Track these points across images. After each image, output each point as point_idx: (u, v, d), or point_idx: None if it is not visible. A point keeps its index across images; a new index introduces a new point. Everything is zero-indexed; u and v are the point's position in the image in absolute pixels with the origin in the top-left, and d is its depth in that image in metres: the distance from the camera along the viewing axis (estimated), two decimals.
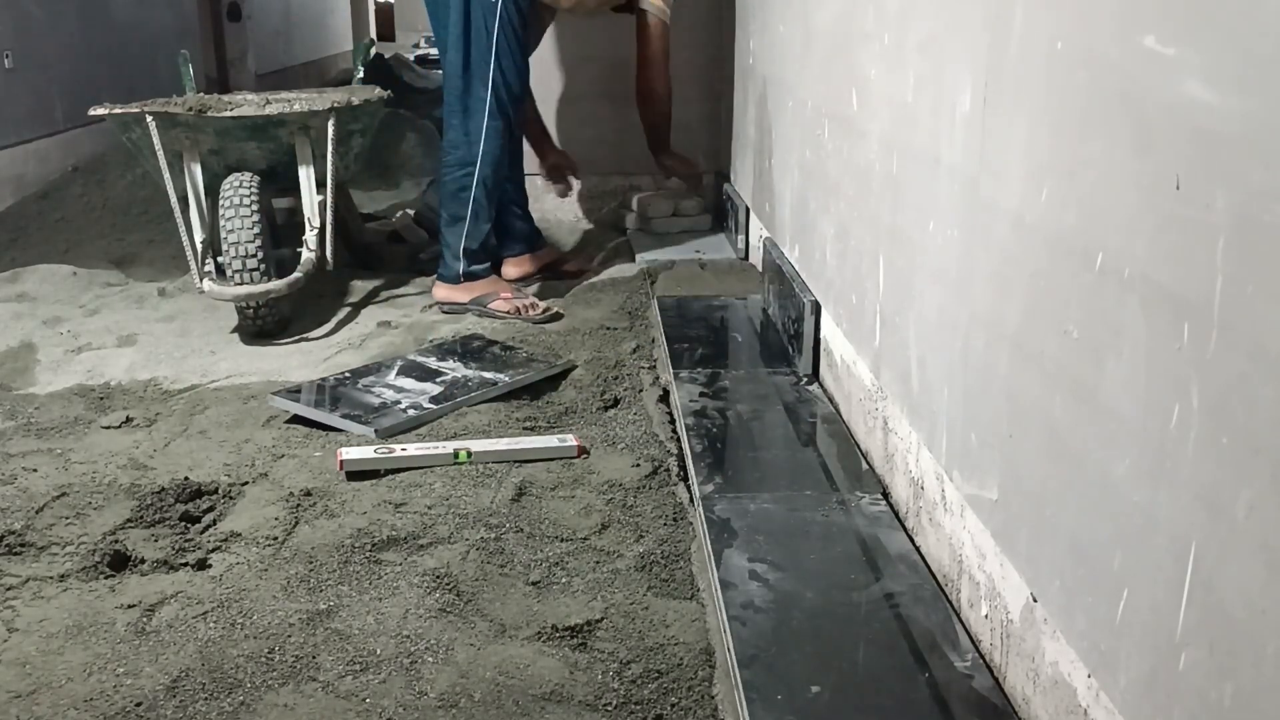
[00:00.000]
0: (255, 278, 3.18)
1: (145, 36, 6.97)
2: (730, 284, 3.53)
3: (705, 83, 4.43)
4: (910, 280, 1.90)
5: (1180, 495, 1.04)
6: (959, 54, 1.65)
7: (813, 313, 2.61)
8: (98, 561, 1.93)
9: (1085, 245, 1.23)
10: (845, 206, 2.37)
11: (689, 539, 1.99)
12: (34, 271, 3.95)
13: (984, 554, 1.56)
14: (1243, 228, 0.94)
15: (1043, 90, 1.36)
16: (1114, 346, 1.17)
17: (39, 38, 5.63)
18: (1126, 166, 1.14)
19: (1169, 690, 1.06)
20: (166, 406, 2.71)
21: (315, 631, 1.73)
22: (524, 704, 1.55)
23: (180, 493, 2.17)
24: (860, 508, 1.98)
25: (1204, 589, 1.00)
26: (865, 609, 1.68)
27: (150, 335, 3.28)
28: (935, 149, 1.76)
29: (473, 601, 1.81)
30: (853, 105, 2.30)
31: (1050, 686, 1.34)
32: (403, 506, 2.13)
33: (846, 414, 2.39)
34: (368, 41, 4.78)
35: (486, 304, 3.37)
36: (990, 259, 1.52)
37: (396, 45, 15.93)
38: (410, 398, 2.64)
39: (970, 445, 1.61)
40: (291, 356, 3.09)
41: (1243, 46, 0.95)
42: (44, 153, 5.53)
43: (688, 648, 1.67)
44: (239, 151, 3.45)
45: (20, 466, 2.34)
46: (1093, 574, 1.22)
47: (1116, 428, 1.16)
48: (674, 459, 2.31)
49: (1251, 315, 0.93)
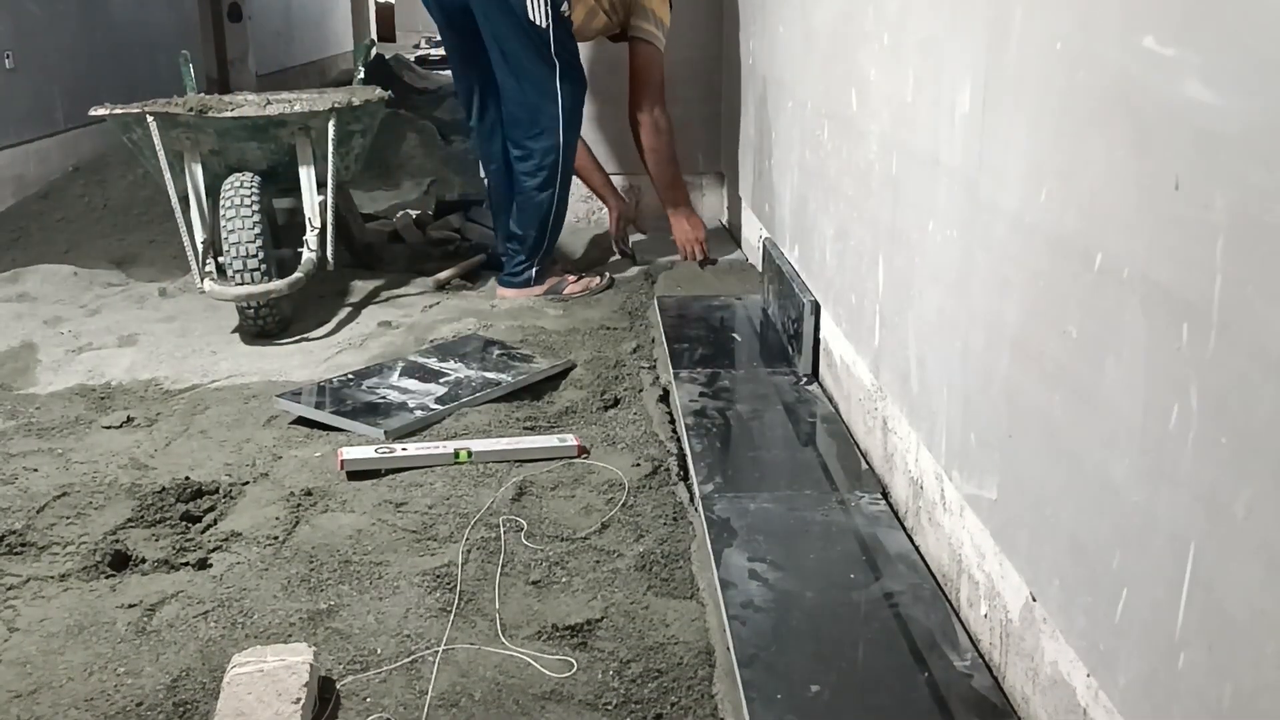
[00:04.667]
0: (256, 278, 3.18)
1: (145, 36, 6.98)
2: (730, 284, 3.54)
3: (705, 83, 4.43)
4: (910, 280, 1.90)
5: (1179, 495, 1.04)
6: (959, 54, 1.65)
7: (812, 313, 2.61)
8: (98, 561, 1.94)
9: (1085, 245, 1.23)
10: (845, 206, 2.37)
11: (689, 539, 1.99)
12: (35, 271, 3.95)
13: (983, 554, 1.56)
14: (1243, 228, 0.94)
15: (1042, 90, 1.36)
16: (1114, 346, 1.17)
17: (40, 38, 5.63)
18: (1126, 166, 1.14)
19: (1168, 690, 1.06)
20: (167, 406, 2.71)
21: (315, 631, 1.73)
22: (524, 704, 1.55)
23: (181, 492, 2.18)
24: (860, 507, 1.98)
25: (1203, 589, 1.01)
26: (865, 608, 1.68)
27: (151, 335, 3.29)
28: (935, 149, 1.76)
29: (473, 601, 1.81)
30: (852, 105, 2.30)
31: (1049, 686, 1.34)
32: (403, 506, 2.13)
33: (846, 414, 2.39)
34: (368, 42, 4.78)
35: (561, 291, 3.55)
36: (990, 259, 1.53)
37: (397, 46, 15.93)
38: (416, 399, 2.64)
39: (970, 445, 1.61)
40: (292, 356, 3.09)
41: (1243, 46, 0.95)
42: (44, 153, 5.54)
43: (688, 647, 1.67)
44: (240, 152, 3.45)
45: (21, 466, 2.34)
46: (1092, 574, 1.22)
47: (1116, 428, 1.17)
48: (674, 459, 2.31)
49: (1251, 315, 0.94)
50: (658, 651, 1.67)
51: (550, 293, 3.56)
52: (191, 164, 3.40)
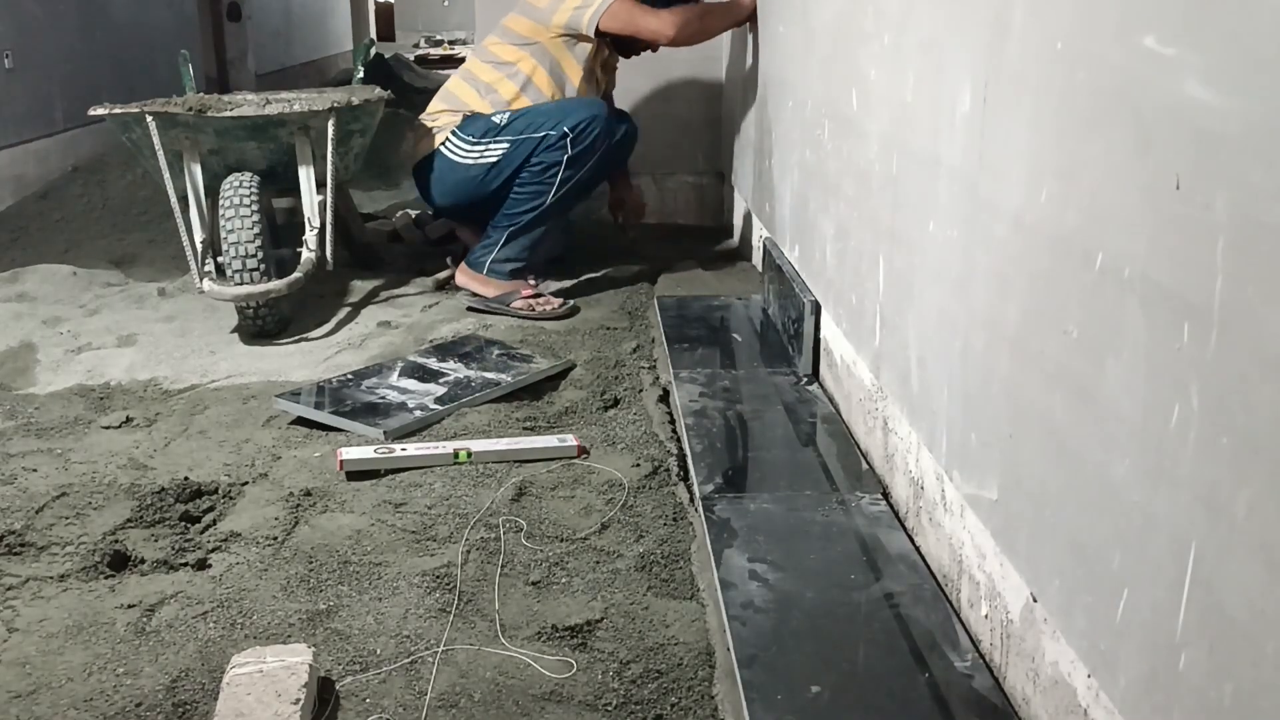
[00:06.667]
0: (255, 278, 3.18)
1: (145, 36, 6.98)
2: (730, 284, 3.54)
3: (705, 83, 4.43)
4: (910, 280, 1.90)
5: (1180, 495, 1.04)
6: (959, 54, 1.65)
7: (813, 313, 2.61)
8: (98, 561, 1.93)
9: (1085, 245, 1.23)
10: (845, 206, 2.37)
11: (689, 539, 1.99)
12: (34, 271, 3.94)
13: (984, 554, 1.56)
14: (1243, 228, 0.94)
15: (1043, 90, 1.36)
16: (1114, 346, 1.17)
17: (39, 38, 5.63)
18: (1126, 166, 1.14)
19: (1169, 690, 1.06)
20: (166, 406, 2.71)
21: (315, 631, 1.73)
22: (524, 704, 1.55)
23: (180, 493, 2.17)
24: (860, 508, 1.98)
25: (1203, 589, 1.00)
26: (865, 609, 1.68)
27: (150, 335, 3.28)
28: (935, 149, 1.76)
29: (473, 601, 1.81)
30: (853, 105, 2.30)
31: (1050, 686, 1.34)
32: (403, 506, 2.13)
33: (846, 414, 2.39)
34: (368, 41, 4.78)
35: (509, 303, 3.39)
36: (990, 259, 1.52)
37: (396, 45, 15.94)
38: (415, 399, 2.64)
39: (970, 445, 1.61)
40: (291, 356, 3.09)
41: (1243, 46, 0.95)
42: (44, 153, 5.54)
43: (688, 648, 1.67)
44: (239, 151, 3.45)
45: (20, 466, 2.34)
46: (1092, 574, 1.22)
47: (1116, 427, 1.16)
48: (674, 459, 2.31)
49: (1251, 315, 0.93)
50: (658, 652, 1.67)
51: (499, 300, 3.40)
52: (191, 164, 3.40)
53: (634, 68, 3.90)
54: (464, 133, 3.49)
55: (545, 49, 3.51)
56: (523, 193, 3.46)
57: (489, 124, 3.47)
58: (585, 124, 3.40)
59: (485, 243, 3.51)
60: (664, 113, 4.41)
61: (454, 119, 3.54)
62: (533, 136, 3.41)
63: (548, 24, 3.50)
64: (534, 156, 3.41)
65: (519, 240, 3.48)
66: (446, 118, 3.57)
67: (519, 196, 3.46)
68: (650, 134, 4.08)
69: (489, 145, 3.46)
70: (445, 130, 3.54)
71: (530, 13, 3.54)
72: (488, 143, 3.46)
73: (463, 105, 3.55)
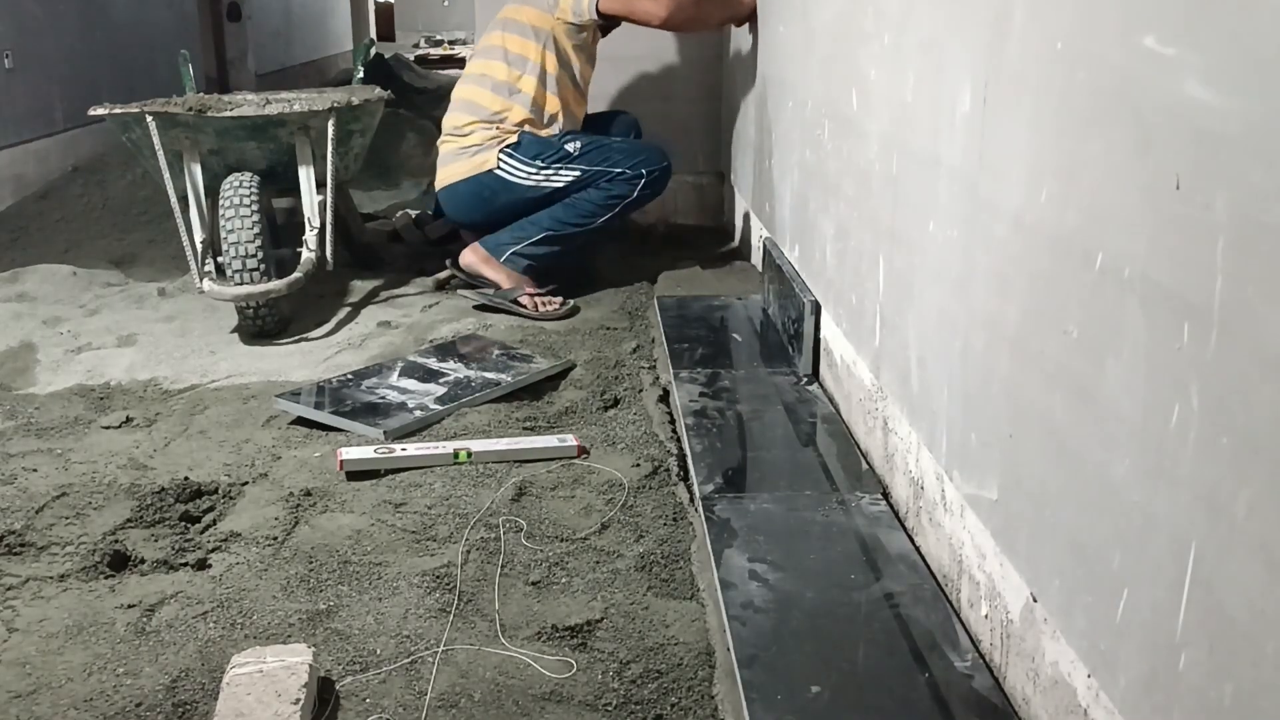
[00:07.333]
0: (255, 278, 3.18)
1: (145, 36, 6.98)
2: (730, 284, 3.54)
3: (705, 83, 4.43)
4: (910, 280, 1.90)
5: (1180, 495, 1.04)
6: (959, 54, 1.65)
7: (813, 313, 2.61)
8: (98, 561, 1.93)
9: (1085, 245, 1.23)
10: (845, 206, 2.37)
11: (689, 539, 1.99)
12: (34, 271, 3.95)
13: (984, 554, 1.56)
14: (1243, 228, 0.94)
15: (1043, 90, 1.36)
16: (1114, 346, 1.17)
17: (39, 38, 5.63)
18: (1126, 166, 1.14)
19: (1169, 690, 1.06)
20: (166, 406, 2.71)
21: (315, 631, 1.73)
22: (524, 704, 1.55)
23: (180, 493, 2.17)
24: (860, 508, 1.98)
25: (1203, 589, 1.00)
26: (865, 609, 1.68)
27: (150, 335, 3.28)
28: (935, 149, 1.76)
29: (473, 601, 1.81)
30: (853, 105, 2.30)
31: (1050, 686, 1.34)
32: (403, 506, 2.13)
33: (846, 414, 2.39)
34: (368, 41, 4.78)
35: (515, 297, 3.37)
36: (990, 259, 1.52)
37: (396, 45, 15.94)
38: (415, 399, 2.64)
39: (970, 445, 1.61)
40: (291, 356, 3.09)
41: (1243, 46, 0.95)
42: (44, 153, 5.54)
43: (688, 648, 1.67)
44: (239, 151, 3.45)
45: (20, 466, 2.34)
46: (1092, 574, 1.22)
47: (1116, 427, 1.16)
48: (674, 459, 2.31)
49: (1251, 315, 0.93)
50: (658, 652, 1.67)
51: (501, 295, 3.39)
52: (191, 164, 3.40)
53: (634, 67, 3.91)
54: (523, 155, 3.45)
55: (553, 37, 3.51)
56: (580, 207, 3.45)
57: (560, 151, 3.45)
58: (661, 174, 3.48)
59: (515, 233, 3.48)
60: (664, 113, 4.40)
61: (491, 133, 3.48)
62: (610, 170, 3.43)
63: (553, 11, 3.51)
64: (604, 182, 3.43)
65: (551, 245, 3.47)
66: (483, 133, 3.50)
67: (573, 206, 3.45)
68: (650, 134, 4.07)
69: (558, 170, 3.44)
70: (490, 150, 3.48)
71: (534, 1, 3.54)
72: (558, 168, 3.44)
73: (492, 115, 3.49)
